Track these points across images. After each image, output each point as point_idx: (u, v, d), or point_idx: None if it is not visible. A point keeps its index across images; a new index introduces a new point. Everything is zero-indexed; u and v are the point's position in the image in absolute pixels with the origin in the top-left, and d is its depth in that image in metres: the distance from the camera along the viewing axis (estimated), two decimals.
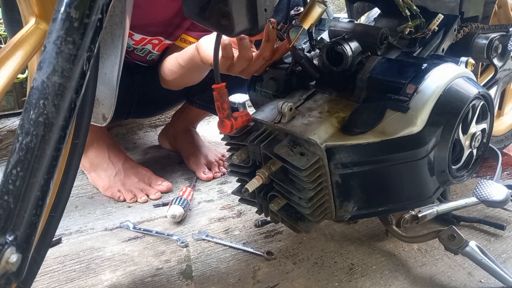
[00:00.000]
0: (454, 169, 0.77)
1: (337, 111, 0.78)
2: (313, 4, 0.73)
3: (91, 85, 0.64)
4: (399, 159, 0.73)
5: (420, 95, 0.73)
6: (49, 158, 0.43)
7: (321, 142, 0.72)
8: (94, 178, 1.29)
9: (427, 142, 0.72)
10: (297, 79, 0.87)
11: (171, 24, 1.20)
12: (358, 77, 0.80)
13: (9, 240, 0.42)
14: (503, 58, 1.04)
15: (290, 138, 0.75)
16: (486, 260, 0.87)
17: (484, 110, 0.79)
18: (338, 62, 0.79)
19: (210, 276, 0.94)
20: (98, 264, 0.97)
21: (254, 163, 0.80)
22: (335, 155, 0.73)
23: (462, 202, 1.07)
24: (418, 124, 0.71)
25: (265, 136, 0.77)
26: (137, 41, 1.22)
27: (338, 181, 0.75)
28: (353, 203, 0.77)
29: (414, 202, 0.80)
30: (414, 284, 0.92)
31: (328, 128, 0.75)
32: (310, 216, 0.77)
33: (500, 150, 1.25)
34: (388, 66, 0.79)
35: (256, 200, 0.84)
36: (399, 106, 0.73)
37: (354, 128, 0.74)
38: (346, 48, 0.77)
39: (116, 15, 0.74)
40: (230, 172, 0.85)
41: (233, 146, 0.83)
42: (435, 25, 0.87)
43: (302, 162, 0.71)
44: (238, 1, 0.57)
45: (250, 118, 0.78)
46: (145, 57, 1.29)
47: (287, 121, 0.76)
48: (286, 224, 0.83)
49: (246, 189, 0.75)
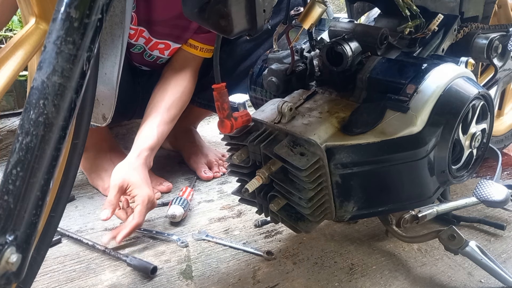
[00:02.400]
0: (454, 169, 0.77)
1: (337, 111, 0.78)
2: (313, 4, 0.73)
3: (91, 85, 0.64)
4: (399, 159, 0.73)
5: (420, 95, 0.73)
6: (49, 158, 0.43)
7: (321, 142, 0.72)
8: (94, 179, 1.29)
9: (427, 142, 0.72)
10: (297, 79, 0.87)
11: (177, 26, 1.20)
12: (358, 77, 0.80)
13: (9, 240, 0.42)
14: (503, 58, 1.04)
15: (290, 138, 0.75)
16: (486, 260, 0.87)
17: (484, 110, 0.79)
18: (338, 62, 0.79)
19: (210, 276, 0.94)
20: (98, 264, 0.97)
21: (254, 163, 0.80)
22: (335, 155, 0.73)
23: (462, 202, 1.07)
24: (418, 124, 0.71)
25: (265, 136, 0.77)
26: (147, 39, 1.22)
27: (338, 181, 0.75)
28: (353, 203, 0.77)
29: (414, 202, 0.80)
30: (414, 284, 0.92)
31: (328, 128, 0.75)
32: (310, 216, 0.77)
33: (500, 150, 1.25)
34: (388, 66, 0.79)
35: (256, 200, 0.84)
36: (399, 106, 0.73)
37: (354, 128, 0.74)
38: (346, 48, 0.77)
39: (116, 15, 0.74)
40: (230, 172, 0.85)
41: (233, 146, 0.83)
42: (435, 25, 0.87)
43: (302, 162, 0.71)
44: (237, 2, 0.57)
45: (250, 118, 0.78)
46: (155, 62, 1.29)
47: (287, 121, 0.76)
48: (286, 224, 0.83)
49: (246, 189, 0.75)
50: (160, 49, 1.25)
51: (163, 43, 1.23)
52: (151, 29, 1.19)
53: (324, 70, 0.84)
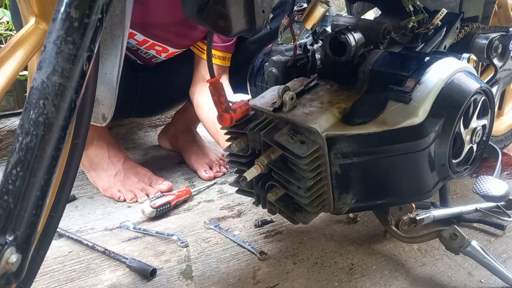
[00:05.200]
0: (454, 164, 0.77)
1: (339, 102, 0.78)
2: (315, 4, 0.73)
3: (91, 85, 0.64)
4: (399, 150, 0.73)
5: (422, 87, 0.72)
6: (49, 158, 0.43)
7: (322, 131, 0.71)
8: (94, 178, 1.29)
9: (428, 134, 0.71)
10: (298, 72, 0.87)
11: (174, 32, 1.20)
12: (360, 70, 0.79)
13: (9, 240, 0.42)
14: (503, 58, 1.04)
15: (290, 126, 0.74)
16: (488, 259, 0.87)
17: (485, 106, 0.79)
18: (341, 52, 0.78)
19: (210, 276, 0.94)
20: (98, 264, 0.97)
21: (253, 153, 0.79)
22: (335, 145, 0.72)
23: (457, 209, 1.06)
24: (420, 115, 0.71)
25: (266, 124, 0.77)
26: (140, 41, 1.22)
27: (338, 171, 0.74)
28: (351, 195, 0.76)
29: (413, 195, 0.79)
30: (414, 284, 0.92)
31: (329, 117, 0.74)
32: (308, 207, 0.77)
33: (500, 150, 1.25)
34: (390, 58, 0.79)
35: (253, 190, 0.83)
36: (401, 97, 0.73)
37: (355, 119, 0.74)
38: (349, 38, 0.77)
39: (116, 15, 0.74)
40: (229, 162, 0.84)
41: (232, 135, 0.82)
42: (438, 20, 0.86)
43: (302, 150, 0.71)
44: (235, 3, 0.57)
45: (249, 107, 0.77)
46: (150, 59, 1.29)
47: (287, 110, 0.76)
48: (284, 215, 0.82)
49: (245, 177, 0.73)
50: (157, 50, 1.25)
51: (161, 46, 1.23)
52: (147, 32, 1.19)
53: (326, 62, 0.84)
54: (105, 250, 0.99)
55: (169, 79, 1.34)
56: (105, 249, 0.99)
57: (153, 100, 1.38)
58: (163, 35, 1.20)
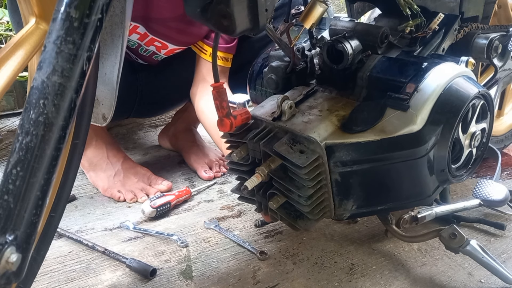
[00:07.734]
0: (453, 168, 0.77)
1: (337, 110, 0.78)
2: (314, 4, 0.73)
3: (91, 85, 0.64)
4: (398, 157, 0.73)
5: (420, 94, 0.72)
6: (49, 158, 0.43)
7: (321, 140, 0.72)
8: (93, 178, 1.29)
9: (427, 141, 0.71)
10: (297, 77, 0.87)
11: (174, 28, 1.20)
12: (358, 76, 0.80)
13: (9, 240, 0.42)
14: (503, 58, 1.04)
15: (290, 135, 0.75)
16: (487, 259, 0.87)
17: (484, 110, 0.79)
18: (339, 60, 0.79)
19: (210, 276, 0.94)
20: (98, 264, 0.97)
21: (253, 161, 0.80)
22: (334, 153, 0.72)
23: (460, 205, 1.07)
24: (418, 122, 0.71)
25: (265, 134, 0.77)
26: (142, 35, 1.21)
27: (338, 179, 0.74)
28: (352, 202, 0.77)
29: (413, 201, 0.80)
30: (414, 284, 0.92)
31: (328, 126, 0.75)
32: (309, 214, 0.77)
33: (500, 150, 1.25)
34: (388, 64, 0.79)
35: (255, 198, 0.84)
36: (399, 104, 0.73)
37: (354, 126, 0.74)
38: (346, 46, 0.77)
39: (116, 15, 0.74)
40: (230, 170, 0.85)
41: (232, 143, 0.83)
42: (435, 24, 0.87)
43: (302, 160, 0.71)
44: (239, 2, 0.57)
45: (249, 116, 0.78)
46: (150, 57, 1.29)
47: (287, 119, 0.76)
48: (285, 222, 0.83)
49: (246, 186, 0.74)
50: (156, 46, 1.25)
51: (160, 42, 1.23)
52: (148, 26, 1.19)
53: (324, 68, 0.84)
54: (105, 250, 0.99)
55: (169, 79, 1.34)
56: (105, 249, 0.99)
57: (153, 100, 1.38)
58: (163, 31, 1.20)
